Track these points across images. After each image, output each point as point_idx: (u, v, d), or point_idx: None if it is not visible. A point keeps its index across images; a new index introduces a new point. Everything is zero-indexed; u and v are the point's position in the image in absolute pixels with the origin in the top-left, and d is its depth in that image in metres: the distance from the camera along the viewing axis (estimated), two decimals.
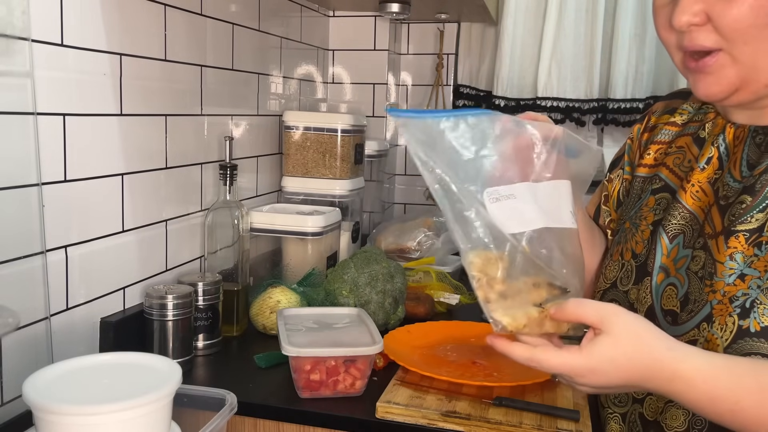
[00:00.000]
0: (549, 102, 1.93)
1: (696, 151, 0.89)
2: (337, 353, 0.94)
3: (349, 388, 0.95)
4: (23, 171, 0.89)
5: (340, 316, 1.12)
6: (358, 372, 0.95)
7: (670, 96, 1.04)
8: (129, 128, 1.10)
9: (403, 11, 1.68)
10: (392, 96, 2.05)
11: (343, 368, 0.94)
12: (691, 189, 0.86)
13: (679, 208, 0.87)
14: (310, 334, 1.02)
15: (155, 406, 0.70)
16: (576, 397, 1.00)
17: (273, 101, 1.64)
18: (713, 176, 0.85)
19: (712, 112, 0.90)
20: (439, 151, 0.68)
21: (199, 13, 1.29)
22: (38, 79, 0.90)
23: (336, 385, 0.95)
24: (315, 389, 0.95)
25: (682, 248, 0.85)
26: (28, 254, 0.91)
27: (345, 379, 0.95)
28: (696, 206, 0.85)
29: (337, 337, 1.01)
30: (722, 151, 0.85)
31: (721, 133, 0.86)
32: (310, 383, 0.94)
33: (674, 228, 0.87)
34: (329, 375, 0.94)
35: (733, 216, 0.79)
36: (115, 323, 1.06)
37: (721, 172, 0.84)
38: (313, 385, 0.95)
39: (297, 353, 0.93)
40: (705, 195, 0.85)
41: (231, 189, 1.29)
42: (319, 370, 0.94)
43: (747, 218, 0.77)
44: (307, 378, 0.94)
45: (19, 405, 0.88)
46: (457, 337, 1.23)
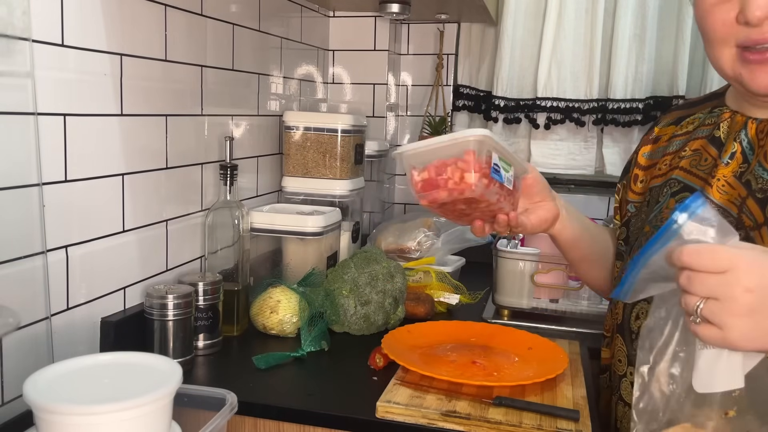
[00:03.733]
0: (549, 102, 1.93)
1: (714, 151, 0.91)
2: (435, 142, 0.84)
3: (459, 183, 0.83)
4: (24, 171, 0.89)
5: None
6: (465, 164, 0.83)
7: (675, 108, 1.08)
8: (129, 128, 1.10)
9: (403, 11, 1.68)
10: (392, 96, 2.05)
11: (450, 164, 0.84)
12: (717, 183, 0.88)
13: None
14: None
15: (155, 406, 0.70)
16: (576, 397, 1.00)
17: (273, 101, 1.64)
18: (738, 170, 0.87)
19: (728, 112, 0.92)
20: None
21: (200, 13, 1.29)
22: (39, 80, 0.90)
23: (446, 182, 0.84)
24: (427, 190, 0.85)
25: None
26: (29, 254, 0.91)
27: (453, 173, 0.84)
28: (724, 200, 0.87)
29: None
30: (745, 146, 0.87)
31: (743, 129, 0.88)
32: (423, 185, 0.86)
33: None
34: (438, 173, 0.84)
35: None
36: (115, 323, 1.06)
37: (747, 165, 0.86)
38: (425, 187, 0.85)
39: (402, 150, 0.86)
40: (732, 188, 0.87)
41: (231, 189, 1.29)
42: (427, 170, 0.85)
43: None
44: (419, 179, 0.86)
45: (20, 405, 0.88)
46: (457, 337, 1.23)
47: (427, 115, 2.06)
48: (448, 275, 1.57)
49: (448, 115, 2.06)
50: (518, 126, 2.01)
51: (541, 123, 1.96)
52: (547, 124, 1.96)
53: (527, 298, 1.45)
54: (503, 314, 1.47)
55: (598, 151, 1.97)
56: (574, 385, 1.05)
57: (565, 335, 1.34)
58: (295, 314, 1.24)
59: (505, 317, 1.46)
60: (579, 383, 1.06)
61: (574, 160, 1.98)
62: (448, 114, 2.06)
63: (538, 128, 1.97)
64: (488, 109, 2.01)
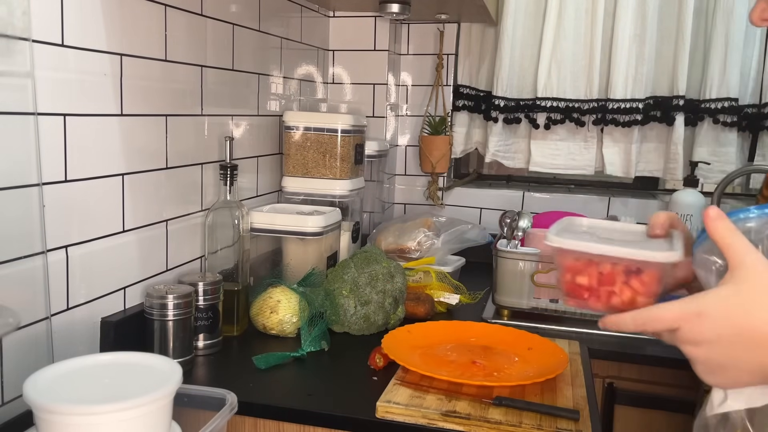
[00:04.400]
0: (549, 102, 1.93)
1: None
2: (615, 253, 0.70)
3: (626, 304, 0.71)
4: (24, 171, 0.89)
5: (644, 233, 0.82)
6: (641, 286, 0.70)
7: None
8: (129, 128, 1.10)
9: (403, 11, 1.68)
10: (392, 96, 2.05)
11: (622, 278, 0.71)
12: None
13: None
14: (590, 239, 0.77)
15: (155, 406, 0.70)
16: (576, 397, 1.00)
17: (273, 101, 1.64)
18: None
19: None
20: None
21: (200, 13, 1.29)
22: (39, 80, 0.90)
23: (610, 297, 0.72)
24: (581, 297, 0.74)
25: None
26: (29, 254, 0.91)
27: (623, 291, 0.71)
28: None
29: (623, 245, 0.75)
30: None
31: None
32: (576, 288, 0.74)
33: None
34: (601, 282, 0.72)
35: None
36: (115, 323, 1.06)
37: None
38: (579, 292, 0.74)
39: (560, 244, 0.72)
40: None
41: (231, 189, 1.29)
42: (588, 274, 0.72)
43: None
44: (572, 280, 0.73)
45: (20, 405, 0.88)
46: (457, 337, 1.23)
47: (427, 115, 2.06)
48: (448, 275, 1.57)
49: (448, 115, 2.06)
50: (518, 126, 2.01)
51: (541, 123, 1.96)
52: (547, 124, 1.96)
53: (527, 298, 1.45)
54: (503, 314, 1.47)
55: (597, 151, 1.97)
56: (574, 385, 1.05)
57: (565, 335, 1.34)
58: (295, 314, 1.24)
59: (505, 317, 1.46)
60: (579, 383, 1.06)
61: (574, 160, 1.98)
62: (448, 114, 2.06)
63: (538, 128, 1.97)
64: (488, 109, 2.01)
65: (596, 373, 1.30)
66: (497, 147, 2.02)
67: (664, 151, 1.92)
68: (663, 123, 1.89)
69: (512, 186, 2.17)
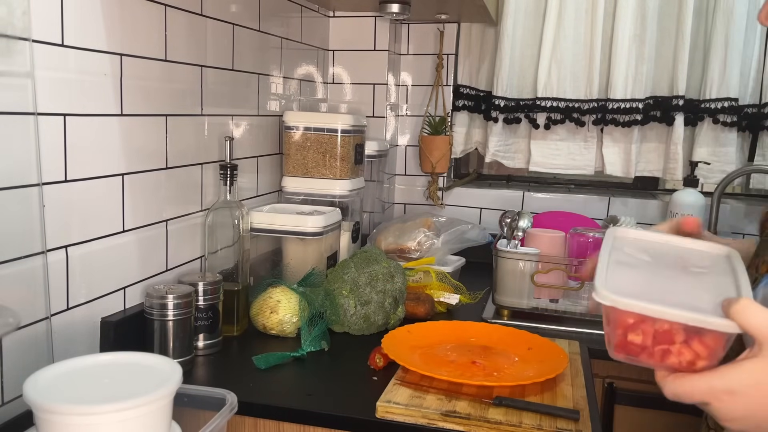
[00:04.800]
0: (549, 102, 1.93)
1: None
2: (675, 317, 0.61)
3: (685, 366, 0.63)
4: (24, 171, 0.89)
5: (700, 255, 0.74)
6: (704, 349, 0.63)
7: None
8: (129, 128, 1.10)
9: (403, 11, 1.68)
10: (392, 96, 2.05)
11: (681, 337, 0.63)
12: None
13: None
14: (645, 273, 0.69)
15: (155, 406, 0.70)
16: (576, 397, 1.00)
17: (273, 101, 1.64)
18: None
19: None
20: None
21: (200, 13, 1.29)
22: (39, 80, 0.90)
23: (666, 357, 0.64)
24: (633, 353, 0.66)
25: None
26: (29, 254, 0.91)
27: (681, 352, 0.63)
28: None
29: (681, 289, 0.67)
30: None
31: None
32: (628, 345, 0.65)
33: None
34: (657, 341, 0.64)
35: None
36: (115, 323, 1.06)
37: None
38: (631, 348, 0.65)
39: (612, 302, 0.62)
40: None
41: (231, 189, 1.29)
42: (643, 331, 0.64)
43: None
44: (623, 336, 0.65)
45: (20, 405, 0.88)
46: (457, 337, 1.23)
47: (427, 115, 2.06)
48: (448, 275, 1.57)
49: (448, 115, 2.06)
50: (518, 126, 2.01)
51: (541, 123, 1.96)
52: (547, 124, 1.96)
53: (527, 298, 1.45)
54: (503, 314, 1.47)
55: (597, 151, 1.97)
56: (574, 385, 1.05)
57: (565, 335, 1.34)
58: (295, 314, 1.24)
59: (505, 317, 1.46)
60: (579, 383, 1.06)
61: (574, 160, 1.98)
62: (448, 114, 2.06)
63: (538, 128, 1.97)
64: (488, 109, 2.01)
65: (596, 373, 1.30)
66: (497, 147, 2.03)
67: (663, 151, 1.92)
68: (663, 123, 1.89)
69: (512, 186, 2.17)
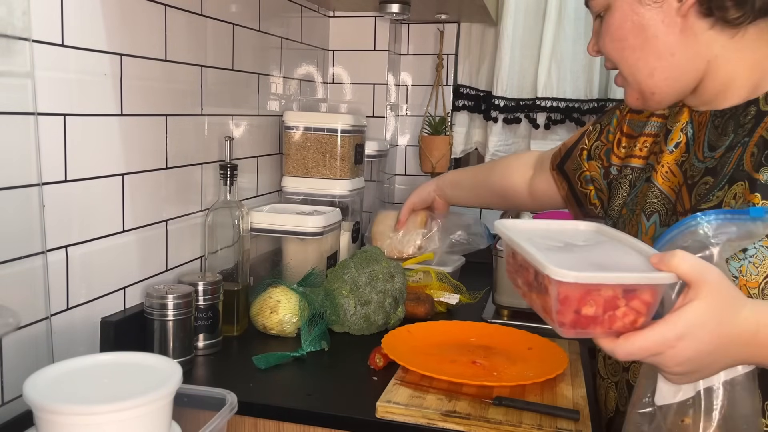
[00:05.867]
0: (549, 102, 1.93)
1: (665, 137, 0.97)
2: (622, 280, 0.67)
3: (628, 326, 0.69)
4: (24, 171, 0.89)
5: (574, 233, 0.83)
6: (643, 306, 0.68)
7: None
8: (129, 128, 1.10)
9: (403, 11, 1.68)
10: (392, 96, 2.05)
11: (623, 301, 0.68)
12: (662, 170, 0.94)
13: (653, 188, 0.94)
14: (564, 255, 0.74)
15: (155, 406, 0.70)
16: (576, 397, 1.00)
17: (273, 101, 1.64)
18: (680, 158, 0.92)
19: (681, 102, 0.95)
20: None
21: (200, 13, 1.29)
22: (39, 80, 0.90)
23: (613, 322, 0.69)
24: (584, 326, 0.70)
25: (659, 227, 0.92)
26: (29, 254, 0.91)
27: (626, 314, 0.69)
28: (666, 186, 0.92)
29: (601, 259, 0.73)
30: (689, 137, 0.92)
31: (689, 121, 0.93)
32: (580, 319, 0.69)
33: (650, 207, 0.94)
34: (606, 309, 0.68)
35: (699, 196, 0.85)
36: (115, 323, 1.06)
37: (688, 155, 0.91)
38: (582, 321, 0.69)
39: (572, 278, 0.65)
40: (674, 176, 0.92)
41: (231, 189, 1.29)
42: (594, 302, 0.68)
43: (710, 197, 0.83)
44: (575, 312, 0.69)
45: (20, 405, 0.88)
46: (457, 337, 1.23)
47: (427, 115, 2.06)
48: (448, 275, 1.57)
49: (448, 115, 2.06)
50: (518, 126, 2.01)
51: (541, 123, 1.96)
52: (547, 124, 1.96)
53: None
54: (503, 314, 1.47)
55: None
56: (574, 385, 1.05)
57: None
58: (295, 314, 1.24)
59: (505, 317, 1.46)
60: (579, 383, 1.06)
61: None
62: (448, 114, 2.06)
63: (538, 128, 1.97)
64: (488, 109, 2.01)
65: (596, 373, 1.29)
66: (497, 147, 2.03)
67: None
68: None
69: None
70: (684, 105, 0.94)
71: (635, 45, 0.85)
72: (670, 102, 0.91)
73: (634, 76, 0.88)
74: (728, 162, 0.83)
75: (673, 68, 0.85)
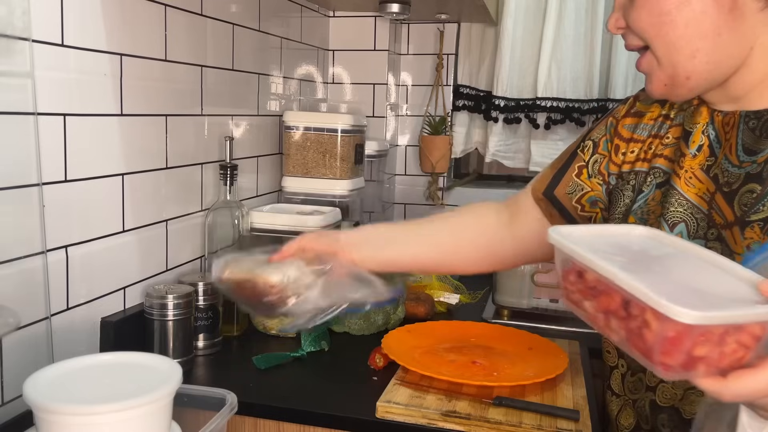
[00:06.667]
0: (549, 102, 1.93)
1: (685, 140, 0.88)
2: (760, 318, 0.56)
3: (735, 363, 0.58)
4: (24, 171, 0.89)
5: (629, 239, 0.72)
6: (752, 341, 0.58)
7: None
8: (129, 128, 1.10)
9: (403, 11, 1.68)
10: (392, 96, 2.05)
11: (732, 337, 0.58)
12: (685, 175, 0.86)
13: (676, 195, 0.86)
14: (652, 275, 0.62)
15: (155, 406, 0.70)
16: (576, 397, 1.00)
17: (273, 101, 1.64)
18: (705, 163, 0.85)
19: (696, 100, 0.88)
20: None
21: (200, 13, 1.29)
22: (39, 80, 0.90)
23: (721, 359, 0.58)
24: (692, 368, 0.58)
25: (686, 237, 0.84)
26: (29, 254, 0.91)
27: (734, 351, 0.58)
28: (693, 193, 0.85)
29: (695, 282, 0.61)
30: (713, 139, 0.85)
31: (710, 122, 0.86)
32: (690, 360, 0.58)
33: (674, 216, 0.86)
34: (717, 347, 0.58)
35: (745, 206, 0.78)
36: (115, 323, 1.06)
37: (715, 159, 0.84)
38: (691, 363, 0.58)
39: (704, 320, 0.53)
40: (700, 182, 0.85)
41: (231, 189, 1.29)
42: (708, 341, 0.57)
43: (759, 207, 0.76)
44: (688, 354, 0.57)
45: (20, 405, 0.88)
46: (457, 337, 1.23)
47: (427, 115, 2.06)
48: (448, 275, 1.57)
49: (448, 115, 2.06)
50: (518, 126, 2.01)
51: (541, 123, 1.96)
52: (547, 124, 1.96)
53: (527, 298, 1.45)
54: (503, 314, 1.47)
55: None
56: (574, 385, 1.05)
57: (565, 335, 1.33)
58: None
59: (505, 317, 1.46)
60: (579, 383, 1.06)
61: None
62: (448, 114, 2.06)
63: (538, 128, 1.97)
64: (488, 109, 2.01)
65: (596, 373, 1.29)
66: (497, 147, 2.03)
67: None
68: None
69: (512, 186, 2.17)
70: (701, 103, 0.87)
71: (678, 21, 0.76)
72: (700, 91, 0.83)
73: (672, 57, 0.78)
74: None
75: (718, 50, 0.77)
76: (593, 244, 0.66)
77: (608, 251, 0.65)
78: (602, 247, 0.66)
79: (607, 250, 0.65)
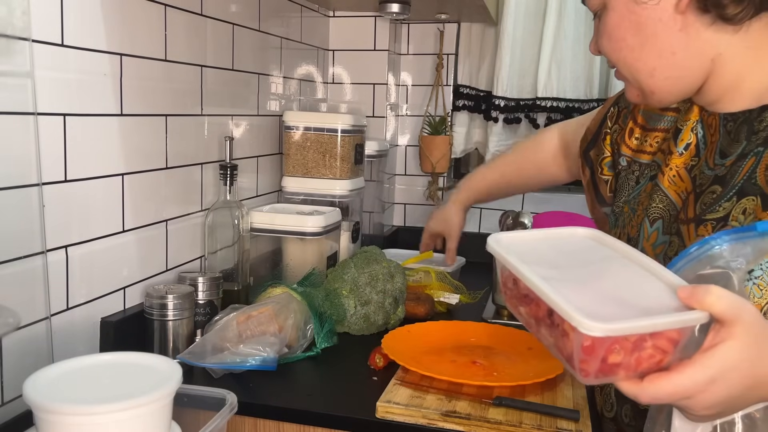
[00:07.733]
0: (549, 102, 1.93)
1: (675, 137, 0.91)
2: (658, 327, 0.58)
3: (653, 367, 0.61)
4: (24, 171, 0.89)
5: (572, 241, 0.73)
6: (669, 345, 0.60)
7: None
8: (129, 128, 1.10)
9: (403, 11, 1.68)
10: (392, 96, 2.05)
11: (650, 342, 0.59)
12: (669, 173, 0.89)
13: (659, 192, 0.89)
14: (576, 286, 0.63)
15: (155, 406, 0.70)
16: (576, 397, 1.00)
17: (273, 101, 1.64)
18: (689, 163, 0.87)
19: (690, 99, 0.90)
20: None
21: (200, 13, 1.29)
22: (39, 79, 0.90)
23: (638, 364, 0.60)
24: (609, 373, 0.61)
25: (661, 234, 0.87)
26: (29, 254, 0.91)
27: (651, 356, 0.60)
28: (672, 190, 0.88)
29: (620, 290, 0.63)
30: (700, 138, 0.87)
31: (699, 119, 0.88)
32: (605, 367, 0.60)
33: (654, 212, 0.89)
34: (632, 353, 0.60)
35: (705, 205, 0.81)
36: (115, 323, 1.06)
37: (698, 159, 0.86)
38: (607, 369, 0.60)
39: (606, 332, 0.56)
40: (681, 180, 0.87)
41: (231, 189, 1.29)
42: (621, 348, 0.59)
43: (716, 207, 0.79)
44: (604, 361, 0.60)
45: (20, 405, 0.88)
46: (457, 337, 1.23)
47: (427, 115, 2.06)
48: (448, 275, 1.57)
49: (448, 115, 2.06)
50: (518, 126, 2.01)
51: (541, 123, 1.96)
52: (547, 124, 1.96)
53: None
54: (503, 314, 1.47)
55: None
56: (574, 385, 1.04)
57: None
58: None
59: (505, 317, 1.46)
60: (579, 383, 1.05)
61: None
62: (448, 114, 2.06)
63: (539, 128, 1.97)
64: (488, 109, 2.01)
65: None
66: (497, 147, 2.02)
67: None
68: None
69: None
70: (694, 102, 0.89)
71: (634, 45, 0.81)
72: (672, 101, 0.87)
73: (633, 76, 0.84)
74: (738, 171, 0.77)
75: (675, 67, 0.81)
76: (536, 249, 0.70)
77: (547, 257, 0.68)
78: (545, 251, 0.69)
79: (546, 256, 0.68)
